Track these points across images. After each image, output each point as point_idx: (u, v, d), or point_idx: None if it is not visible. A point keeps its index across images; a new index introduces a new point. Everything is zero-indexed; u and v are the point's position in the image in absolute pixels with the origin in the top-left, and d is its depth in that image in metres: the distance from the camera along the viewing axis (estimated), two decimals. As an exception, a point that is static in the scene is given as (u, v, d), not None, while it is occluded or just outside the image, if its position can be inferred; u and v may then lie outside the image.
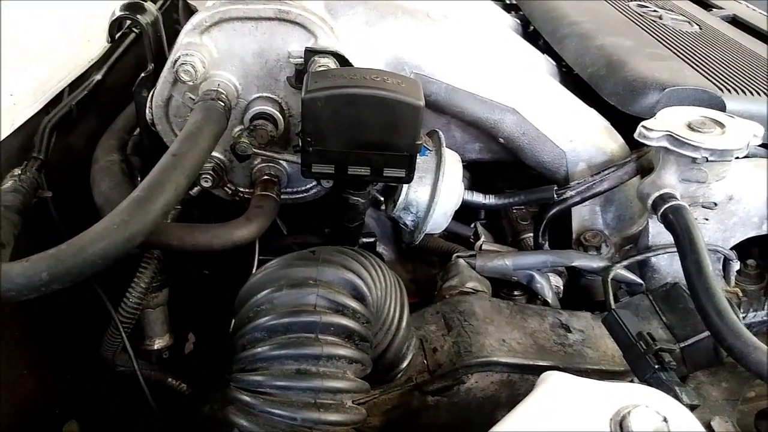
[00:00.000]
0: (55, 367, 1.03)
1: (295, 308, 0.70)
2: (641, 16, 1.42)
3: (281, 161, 1.04)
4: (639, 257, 1.03)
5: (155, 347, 1.15)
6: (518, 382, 0.91)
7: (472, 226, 1.25)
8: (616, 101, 1.12)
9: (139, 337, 1.13)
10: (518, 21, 1.57)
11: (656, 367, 0.84)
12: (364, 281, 0.76)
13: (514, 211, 1.26)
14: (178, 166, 0.80)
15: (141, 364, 1.07)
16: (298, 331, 0.69)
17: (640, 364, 0.85)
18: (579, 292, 1.15)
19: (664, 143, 0.96)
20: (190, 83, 0.94)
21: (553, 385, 0.69)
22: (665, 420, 0.61)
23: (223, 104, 0.93)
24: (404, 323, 0.83)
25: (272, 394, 0.67)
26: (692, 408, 0.79)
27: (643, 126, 0.98)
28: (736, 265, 1.08)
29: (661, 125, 0.98)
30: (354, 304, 0.73)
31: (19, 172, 0.98)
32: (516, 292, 1.14)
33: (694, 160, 0.96)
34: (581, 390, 0.68)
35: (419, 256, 1.29)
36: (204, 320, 1.40)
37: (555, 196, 1.05)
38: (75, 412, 1.07)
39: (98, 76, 1.28)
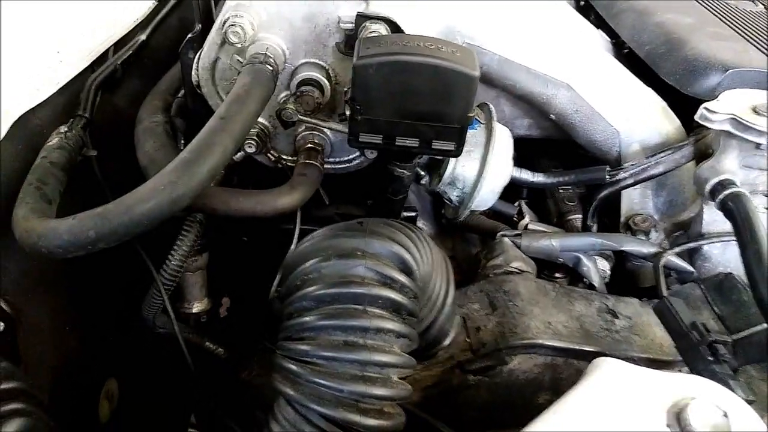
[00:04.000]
0: (97, 326, 1.04)
1: (343, 279, 0.69)
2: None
3: (325, 129, 1.02)
4: (692, 244, 1.00)
5: (193, 310, 1.16)
6: (562, 366, 0.89)
7: (516, 204, 1.21)
8: (675, 81, 1.08)
9: (177, 300, 1.14)
10: (572, -5, 1.52)
11: (710, 359, 0.81)
12: (411, 255, 0.74)
13: (560, 190, 1.22)
14: (226, 128, 0.79)
15: (180, 328, 1.08)
16: (346, 302, 0.68)
17: (693, 354, 0.82)
18: (624, 276, 1.12)
19: (727, 127, 0.92)
20: (239, 45, 0.92)
21: (607, 372, 0.67)
22: (725, 415, 0.59)
23: (271, 68, 0.91)
24: (450, 300, 0.82)
25: (319, 364, 0.66)
26: (747, 403, 0.77)
27: (706, 108, 0.94)
28: (796, 257, 1.03)
29: (724, 108, 0.93)
30: (402, 277, 0.71)
31: (65, 129, 0.98)
32: (558, 274, 1.12)
33: (757, 145, 0.91)
34: (636, 378, 0.66)
35: (459, 232, 1.27)
36: (240, 285, 1.40)
37: (607, 177, 1.02)
38: (115, 371, 1.09)
39: (143, 36, 1.28)
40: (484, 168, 0.95)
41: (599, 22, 1.37)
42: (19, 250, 0.77)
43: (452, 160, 0.98)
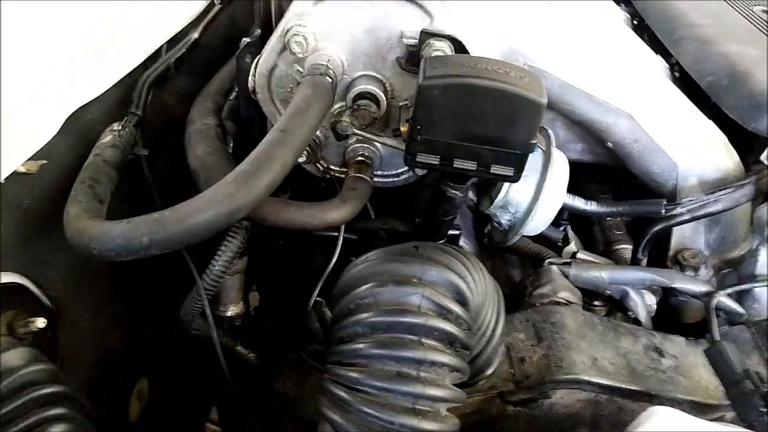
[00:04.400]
0: (135, 325, 1.04)
1: (399, 307, 0.67)
2: (767, 23, 1.32)
3: (376, 143, 1.01)
4: (746, 286, 0.97)
5: (228, 314, 1.15)
6: (605, 403, 0.87)
7: (562, 229, 1.19)
8: (738, 116, 1.04)
9: (213, 303, 1.13)
10: (628, 15, 1.48)
11: (763, 410, 0.79)
12: (467, 285, 0.73)
13: (608, 219, 1.20)
14: (285, 142, 0.78)
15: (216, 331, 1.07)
16: (401, 332, 0.66)
17: (746, 404, 0.80)
18: (667, 310, 1.09)
19: (795, 169, 0.89)
20: (300, 55, 0.91)
21: (663, 423, 0.65)
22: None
23: (330, 80, 0.90)
24: (499, 331, 0.80)
25: (370, 393, 0.65)
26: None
27: (773, 148, 0.91)
28: None
29: (793, 149, 0.90)
30: (457, 309, 0.70)
31: (119, 127, 0.98)
32: (597, 302, 1.09)
33: (825, 190, 0.89)
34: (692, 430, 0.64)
35: (499, 253, 1.25)
36: (273, 289, 1.40)
37: (663, 211, 0.99)
38: (147, 371, 1.09)
39: (195, 35, 1.27)
40: (539, 194, 0.93)
41: (655, 45, 1.34)
42: (64, 246, 0.77)
43: (506, 183, 0.96)
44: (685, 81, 1.19)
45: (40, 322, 0.81)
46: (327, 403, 0.67)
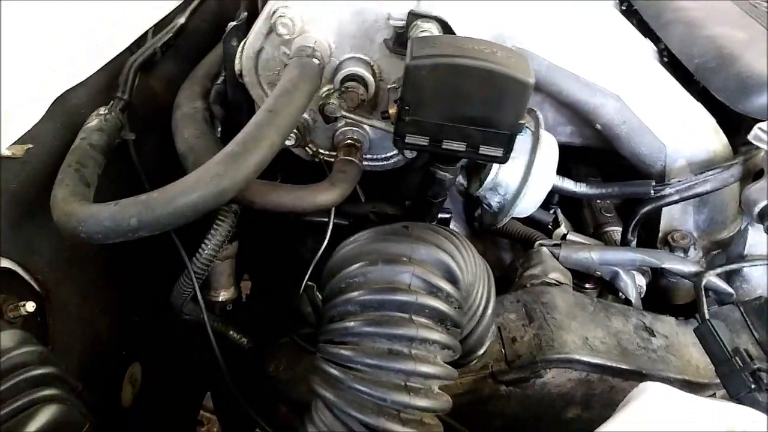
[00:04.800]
0: (125, 310, 1.04)
1: (390, 285, 0.68)
2: (754, 7, 1.32)
3: (365, 126, 1.01)
4: (735, 266, 0.98)
5: (220, 299, 1.16)
6: (596, 382, 0.88)
7: (552, 212, 1.19)
8: (726, 97, 1.05)
9: (204, 288, 1.13)
10: (616, -1, 1.49)
11: (752, 386, 0.79)
12: (457, 263, 0.73)
13: (598, 201, 1.20)
14: (273, 122, 0.78)
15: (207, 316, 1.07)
16: (392, 310, 0.66)
17: (735, 380, 0.80)
18: (657, 292, 1.10)
19: (782, 148, 0.90)
20: (287, 37, 0.91)
21: (653, 398, 0.66)
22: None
23: (317, 62, 0.90)
24: (489, 310, 0.80)
25: (362, 371, 0.65)
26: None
27: (760, 128, 0.91)
28: None
29: (780, 128, 0.91)
30: (447, 287, 0.70)
31: (105, 111, 0.97)
32: (588, 285, 1.10)
33: (812, 169, 0.89)
34: (684, 406, 0.64)
35: (490, 236, 1.25)
36: (264, 273, 1.40)
37: (652, 192, 0.99)
38: (139, 356, 1.08)
39: (182, 20, 1.26)
40: (528, 176, 0.93)
41: (643, 29, 1.34)
42: (52, 230, 0.76)
43: (495, 165, 0.96)
44: (673, 65, 1.19)
45: (30, 306, 0.80)
46: (319, 381, 0.67)
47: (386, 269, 0.68)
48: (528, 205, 0.96)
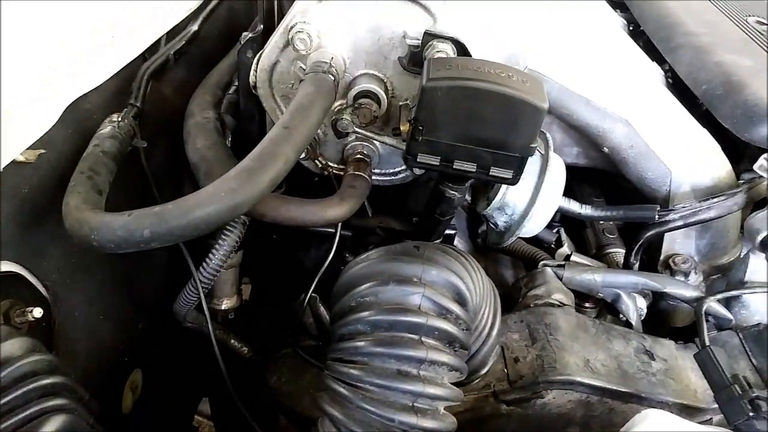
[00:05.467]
0: (130, 316, 1.04)
1: (400, 306, 0.68)
2: (761, 34, 1.34)
3: (375, 141, 1.02)
4: (735, 292, 0.99)
5: (222, 307, 1.16)
6: (595, 404, 0.89)
7: (555, 231, 1.21)
8: (732, 125, 1.06)
9: (207, 296, 1.13)
10: (624, 21, 1.50)
11: (750, 414, 0.80)
12: (466, 285, 0.74)
13: (601, 222, 1.21)
14: (288, 139, 0.78)
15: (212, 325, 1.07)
16: (402, 331, 0.67)
17: (734, 408, 0.81)
18: (657, 314, 1.11)
19: (786, 179, 0.91)
20: (304, 52, 0.91)
21: (655, 425, 0.67)
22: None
23: (333, 78, 0.91)
24: (495, 331, 0.81)
25: (370, 390, 0.65)
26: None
27: (766, 158, 0.93)
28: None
29: (785, 159, 0.92)
30: (457, 309, 0.71)
31: (118, 118, 0.97)
32: (587, 304, 1.11)
33: (814, 201, 0.91)
34: (685, 434, 0.65)
35: (492, 253, 1.26)
36: (265, 283, 1.40)
37: (656, 217, 1.01)
38: (140, 362, 1.09)
39: (195, 27, 1.26)
40: (536, 197, 0.94)
41: (648, 50, 1.36)
42: (62, 236, 0.76)
43: (504, 186, 0.97)
44: (678, 88, 1.21)
45: (37, 312, 0.80)
46: (327, 400, 0.67)
47: (397, 290, 0.69)
48: (535, 226, 0.97)
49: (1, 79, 0.78)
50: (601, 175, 1.25)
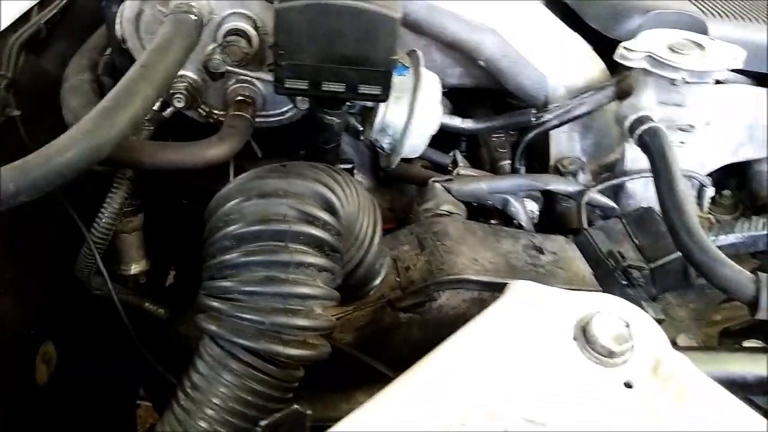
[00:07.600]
0: (32, 288, 1.03)
1: (265, 217, 0.70)
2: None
3: (256, 82, 1.02)
4: (614, 181, 1.04)
5: (131, 272, 1.15)
6: (489, 301, 0.90)
7: (451, 154, 1.24)
8: (599, 25, 1.10)
9: (115, 263, 1.13)
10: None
11: (624, 283, 0.85)
12: (335, 195, 0.75)
13: (493, 139, 1.25)
14: (146, 77, 0.78)
15: (117, 289, 1.07)
16: (267, 240, 0.69)
17: (609, 280, 0.86)
18: (555, 219, 1.15)
19: (644, 64, 0.96)
20: (163, -4, 0.91)
21: (520, 293, 0.70)
22: (627, 325, 0.62)
23: (194, 17, 0.91)
24: (376, 240, 0.83)
25: (241, 300, 0.67)
26: (658, 322, 0.81)
27: (624, 47, 0.97)
28: (710, 192, 1.09)
29: (641, 46, 0.97)
30: (324, 215, 0.72)
31: (-15, 88, 0.96)
32: (493, 221, 1.14)
33: (672, 81, 0.95)
34: (548, 298, 0.69)
35: (397, 185, 1.29)
36: (183, 251, 1.40)
37: (533, 119, 1.04)
38: (51, 334, 1.08)
39: (67, -3, 1.24)
40: (412, 113, 0.96)
41: None
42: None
43: (382, 107, 0.99)
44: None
45: None
46: (203, 317, 0.69)
47: (261, 203, 0.71)
48: (417, 142, 0.99)
49: None
50: (493, 96, 1.28)
